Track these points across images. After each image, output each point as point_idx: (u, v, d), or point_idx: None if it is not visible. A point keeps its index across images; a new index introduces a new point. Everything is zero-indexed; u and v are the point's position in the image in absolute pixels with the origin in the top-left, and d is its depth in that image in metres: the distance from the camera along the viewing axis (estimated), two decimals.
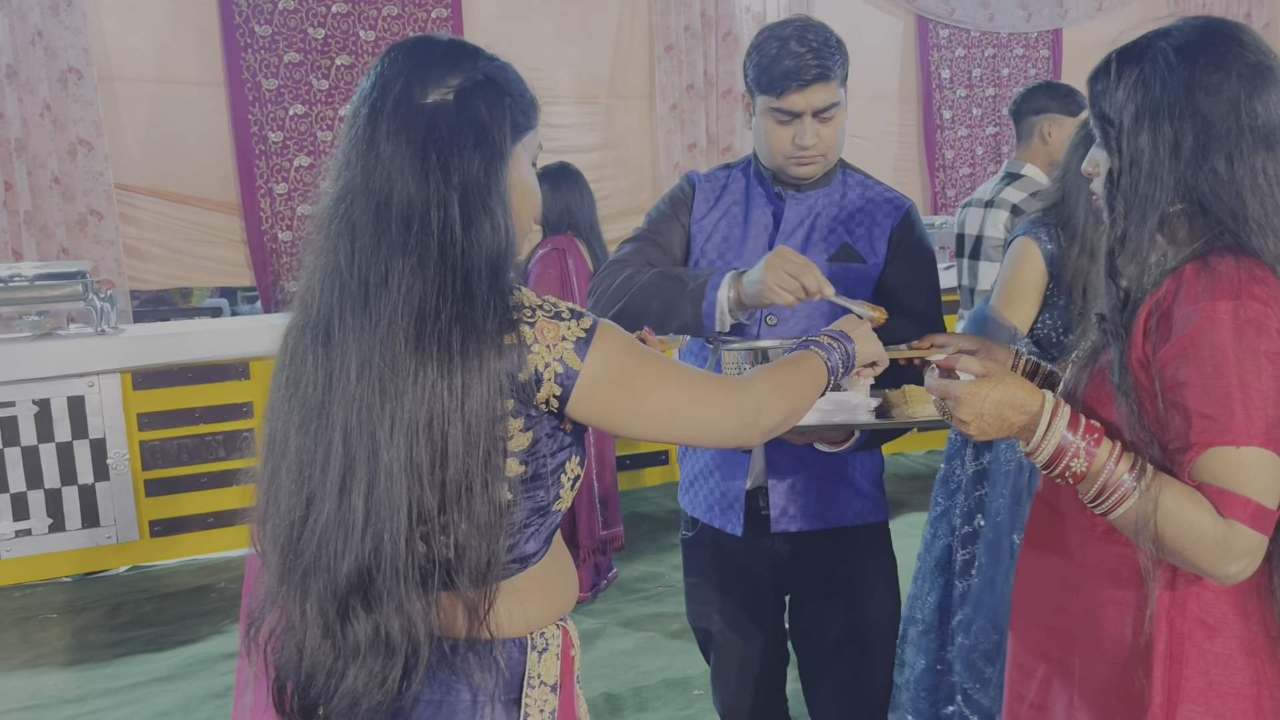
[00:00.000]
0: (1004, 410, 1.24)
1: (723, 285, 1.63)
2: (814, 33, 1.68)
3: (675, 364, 1.22)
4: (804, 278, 1.53)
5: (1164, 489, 1.17)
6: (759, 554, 1.86)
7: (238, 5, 5.51)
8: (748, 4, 6.61)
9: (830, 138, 1.73)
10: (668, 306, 1.67)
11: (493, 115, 1.14)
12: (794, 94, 1.67)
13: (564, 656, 1.23)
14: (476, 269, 1.09)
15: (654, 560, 4.21)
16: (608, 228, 6.48)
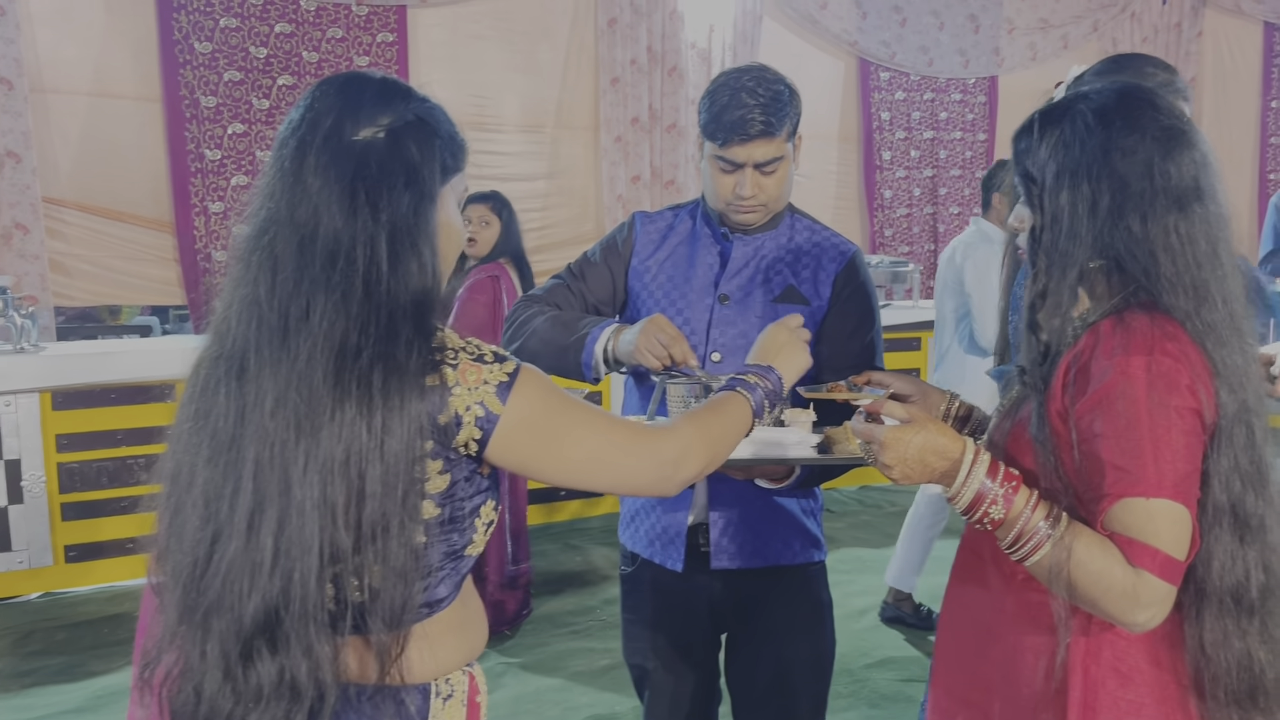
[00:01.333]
0: (926, 456, 1.26)
1: (601, 337, 1.71)
2: (765, 86, 1.69)
3: (597, 412, 1.21)
4: (672, 347, 1.63)
5: (1077, 537, 1.19)
6: (697, 591, 1.85)
7: (178, 21, 5.43)
8: (693, 40, 6.69)
9: (772, 189, 1.75)
10: (556, 353, 1.75)
11: (423, 155, 1.14)
12: (736, 146, 1.70)
13: (469, 703, 1.23)
14: (401, 308, 1.08)
15: (584, 594, 4.18)
16: (548, 256, 6.51)
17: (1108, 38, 8.20)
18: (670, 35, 6.61)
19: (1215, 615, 1.22)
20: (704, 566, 1.82)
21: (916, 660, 3.53)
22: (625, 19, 6.47)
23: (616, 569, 4.41)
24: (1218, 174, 1.27)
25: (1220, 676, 1.22)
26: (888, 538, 4.84)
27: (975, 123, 7.95)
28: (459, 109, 6.12)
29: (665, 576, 1.86)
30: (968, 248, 3.78)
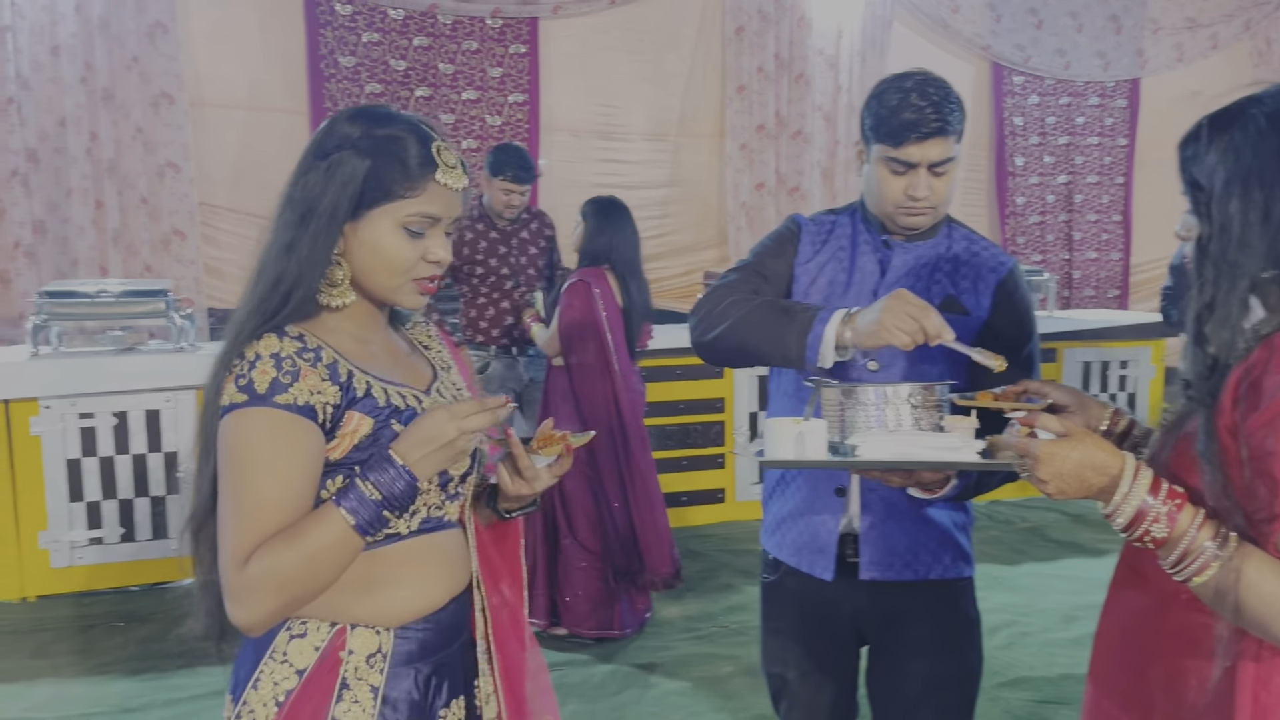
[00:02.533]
0: (1083, 471, 1.22)
1: (832, 321, 1.62)
2: (935, 87, 1.69)
3: (257, 490, 1.24)
4: (925, 320, 1.52)
5: (1247, 559, 1.15)
6: (842, 602, 1.84)
7: (324, 37, 5.68)
8: (821, 46, 6.65)
9: (942, 191, 1.74)
10: (771, 336, 1.67)
11: (341, 176, 1.29)
12: (911, 145, 1.68)
13: (327, 654, 1.31)
14: (251, 313, 1.31)
15: (707, 600, 4.18)
16: (669, 263, 6.56)
17: (1261, 37, 7.81)
18: (798, 42, 6.58)
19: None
20: (851, 577, 1.81)
21: (1051, 681, 3.43)
22: (753, 26, 6.47)
23: (739, 576, 4.41)
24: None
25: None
26: (1018, 554, 4.72)
27: (1115, 127, 7.67)
28: (586, 118, 6.25)
29: (810, 585, 1.85)
30: None
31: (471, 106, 6.04)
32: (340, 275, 1.32)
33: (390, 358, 1.40)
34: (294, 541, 1.22)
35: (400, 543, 1.33)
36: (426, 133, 1.32)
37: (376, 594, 1.32)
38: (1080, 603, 4.09)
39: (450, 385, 1.46)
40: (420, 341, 1.50)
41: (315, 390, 1.27)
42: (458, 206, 1.34)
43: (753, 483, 5.25)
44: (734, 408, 5.17)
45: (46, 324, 4.15)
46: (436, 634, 1.38)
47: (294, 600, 1.25)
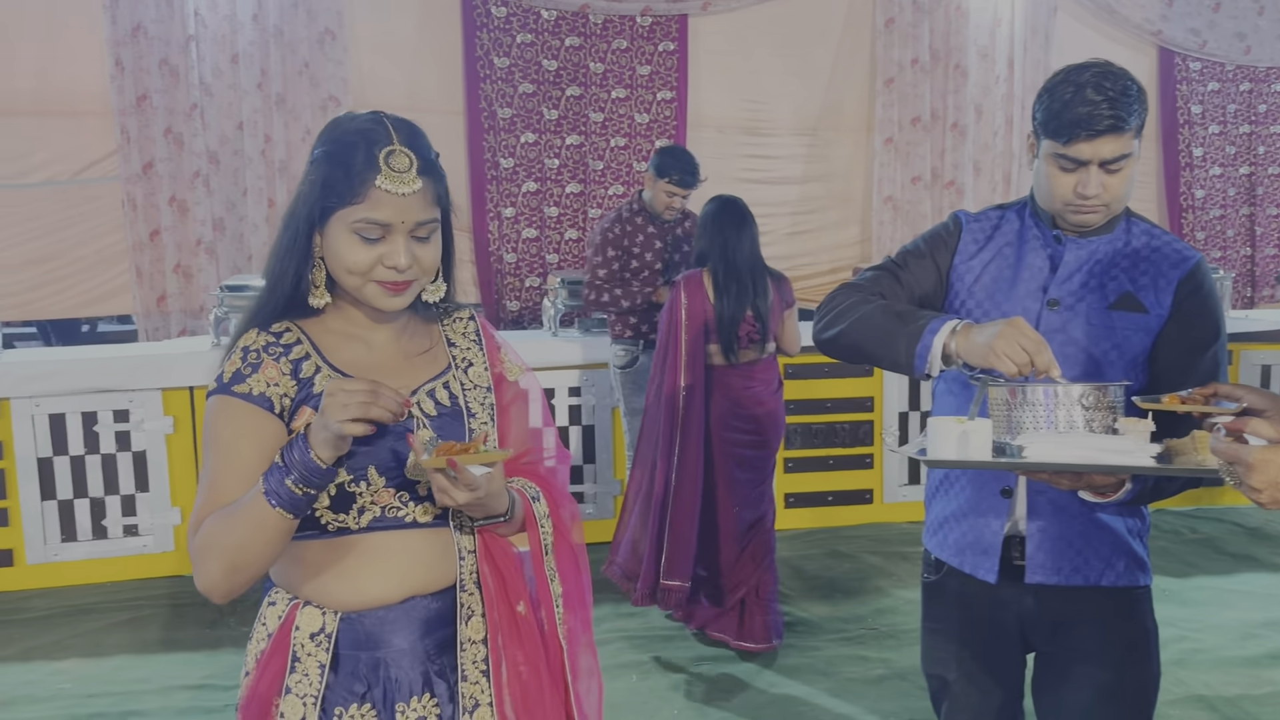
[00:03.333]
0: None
1: (942, 331, 1.61)
2: (1112, 80, 1.62)
3: (214, 469, 1.35)
4: (1037, 355, 1.50)
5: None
6: (1007, 605, 1.79)
7: (480, 39, 5.84)
8: (978, 37, 6.44)
9: (1116, 189, 1.67)
10: (884, 340, 1.67)
11: (309, 185, 1.38)
12: (1082, 143, 1.62)
13: (285, 625, 1.40)
14: (257, 304, 1.43)
15: (855, 602, 4.12)
16: (813, 260, 6.49)
17: None
18: (954, 32, 6.40)
19: None
20: (1017, 580, 1.76)
21: (1229, 701, 3.24)
22: (905, 18, 6.33)
23: (888, 579, 4.33)
24: None
25: None
26: (1188, 566, 4.47)
27: None
28: (732, 114, 6.23)
29: (974, 587, 1.80)
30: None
31: (620, 104, 6.11)
32: (321, 277, 1.39)
33: (387, 357, 1.44)
34: (228, 513, 1.31)
35: (350, 536, 1.38)
36: (378, 138, 1.33)
37: (324, 580, 1.39)
38: (1258, 619, 3.85)
39: (459, 383, 1.47)
40: (449, 338, 1.52)
41: (272, 382, 1.37)
42: (413, 211, 1.33)
43: (902, 484, 5.14)
44: (883, 406, 5.07)
45: (226, 316, 4.41)
46: (392, 626, 1.40)
47: (234, 567, 1.31)
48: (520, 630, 1.44)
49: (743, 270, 3.57)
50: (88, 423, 4.28)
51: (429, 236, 1.38)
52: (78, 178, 5.42)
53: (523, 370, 1.56)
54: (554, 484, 1.54)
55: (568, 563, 1.52)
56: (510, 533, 1.47)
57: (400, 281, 1.37)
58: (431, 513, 1.41)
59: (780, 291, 3.68)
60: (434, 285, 1.46)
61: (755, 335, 3.60)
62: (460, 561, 1.43)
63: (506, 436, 1.52)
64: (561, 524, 1.52)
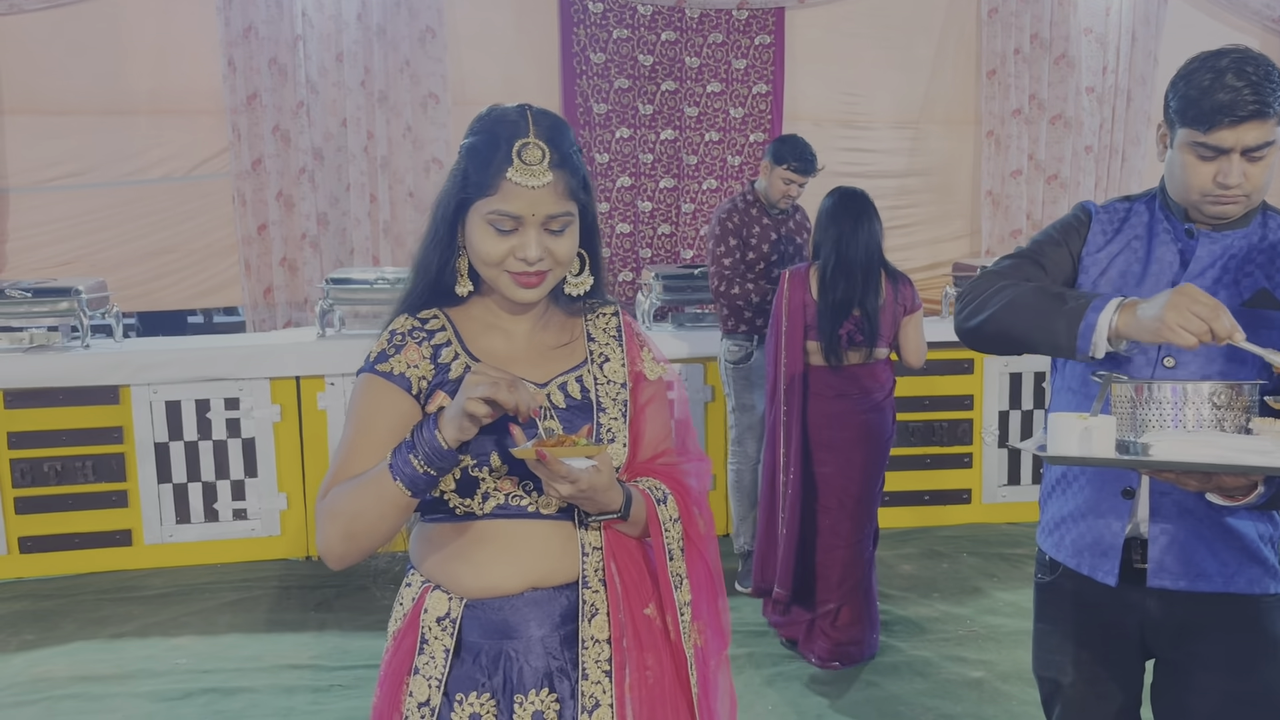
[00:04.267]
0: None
1: (1107, 309, 1.54)
2: (1254, 65, 1.56)
3: (349, 438, 1.41)
4: (1214, 321, 1.42)
5: None
6: (1127, 609, 1.74)
7: (577, 35, 5.88)
8: (1087, 24, 6.25)
9: (1258, 178, 1.61)
10: (1040, 322, 1.60)
11: (452, 176, 1.42)
12: (1224, 130, 1.57)
13: (414, 609, 1.45)
14: (411, 288, 1.49)
15: (953, 602, 4.05)
16: (915, 254, 6.37)
17: None
18: (1060, 20, 6.22)
19: None
20: (1138, 583, 1.71)
21: None
22: (1010, 6, 6.18)
23: (988, 579, 4.25)
24: None
25: None
26: None
27: None
28: (829, 107, 6.13)
29: (1091, 589, 1.76)
30: None
31: (715, 99, 6.09)
32: (465, 266, 1.44)
33: (525, 347, 1.47)
34: (355, 482, 1.36)
35: (476, 521, 1.41)
36: (516, 132, 1.36)
37: (450, 563, 1.43)
38: None
39: (593, 377, 1.48)
40: (590, 332, 1.52)
41: (412, 364, 1.42)
42: (544, 204, 1.35)
43: (1001, 484, 5.03)
44: (983, 405, 4.97)
45: (331, 308, 4.54)
46: (523, 616, 1.42)
47: (350, 534, 1.36)
48: (649, 633, 1.44)
49: (854, 266, 3.39)
50: (201, 410, 4.45)
51: (563, 230, 1.39)
52: (192, 174, 5.63)
53: (664, 370, 1.55)
54: (688, 488, 1.51)
55: (699, 572, 1.49)
56: (636, 533, 1.46)
57: (531, 273, 1.39)
58: (555, 505, 1.42)
59: (898, 294, 3.47)
60: (578, 279, 1.48)
61: (859, 337, 3.43)
62: (584, 558, 1.43)
63: (641, 436, 1.51)
64: (693, 530, 1.49)
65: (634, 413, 1.50)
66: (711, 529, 1.53)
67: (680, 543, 1.47)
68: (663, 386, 1.54)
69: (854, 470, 3.46)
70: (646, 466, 1.50)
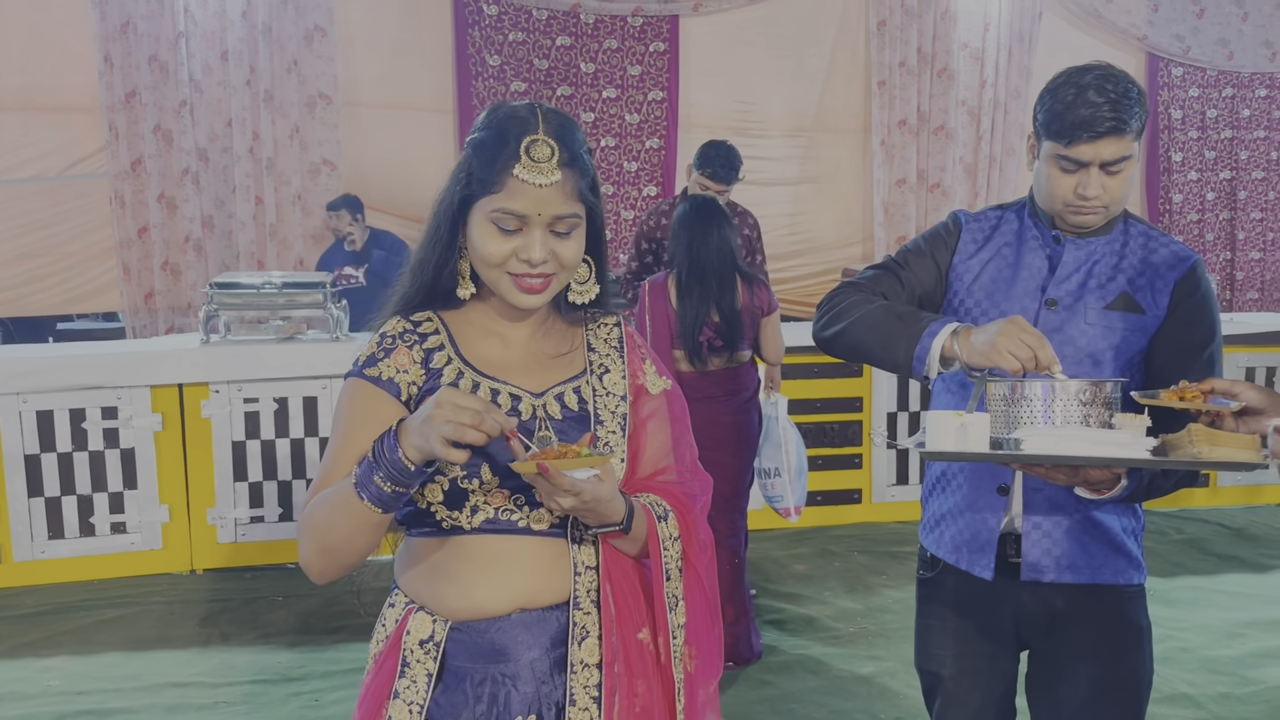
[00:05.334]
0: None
1: (941, 333, 1.63)
2: (1114, 83, 1.64)
3: (335, 445, 1.34)
4: (1040, 350, 1.53)
5: None
6: (1003, 602, 1.81)
7: (472, 37, 5.84)
8: (965, 40, 6.49)
9: (1116, 190, 1.69)
10: (883, 341, 1.70)
11: (455, 173, 1.35)
12: (1084, 144, 1.64)
13: (398, 629, 1.38)
14: (407, 284, 1.42)
15: (846, 600, 4.14)
16: (809, 260, 6.51)
17: None
18: (942, 35, 6.45)
19: None
20: (1014, 577, 1.77)
21: (1214, 699, 3.27)
22: (896, 20, 6.37)
23: (877, 577, 4.35)
24: None
25: None
26: (1174, 566, 4.51)
27: None
28: (724, 114, 6.20)
29: (970, 584, 1.82)
30: None
31: (611, 104, 6.12)
32: (466, 268, 1.36)
33: (523, 355, 1.40)
34: (328, 494, 1.29)
35: (463, 536, 1.34)
36: (525, 128, 1.30)
37: (436, 582, 1.36)
38: (1244, 619, 3.88)
39: (591, 389, 1.41)
40: (590, 342, 1.45)
41: (401, 369, 1.35)
42: (551, 204, 1.29)
43: (890, 484, 5.16)
44: (872, 406, 5.10)
45: (216, 313, 4.40)
46: (514, 638, 1.35)
47: (325, 550, 1.30)
48: (641, 659, 1.37)
49: (708, 271, 3.42)
50: (75, 420, 4.25)
51: (569, 232, 1.32)
52: (65, 174, 5.40)
53: (667, 384, 1.49)
54: (690, 507, 1.43)
55: (696, 595, 1.41)
56: (633, 551, 1.38)
57: (535, 275, 1.31)
58: (548, 520, 1.35)
59: (754, 295, 3.51)
60: (583, 286, 1.40)
61: (719, 341, 3.44)
62: (576, 577, 1.36)
63: (641, 452, 1.44)
64: (692, 551, 1.41)
65: (634, 427, 1.43)
66: (711, 551, 1.46)
67: (679, 563, 1.40)
68: (665, 401, 1.47)
69: (725, 470, 3.48)
70: (646, 483, 1.43)
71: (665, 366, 1.50)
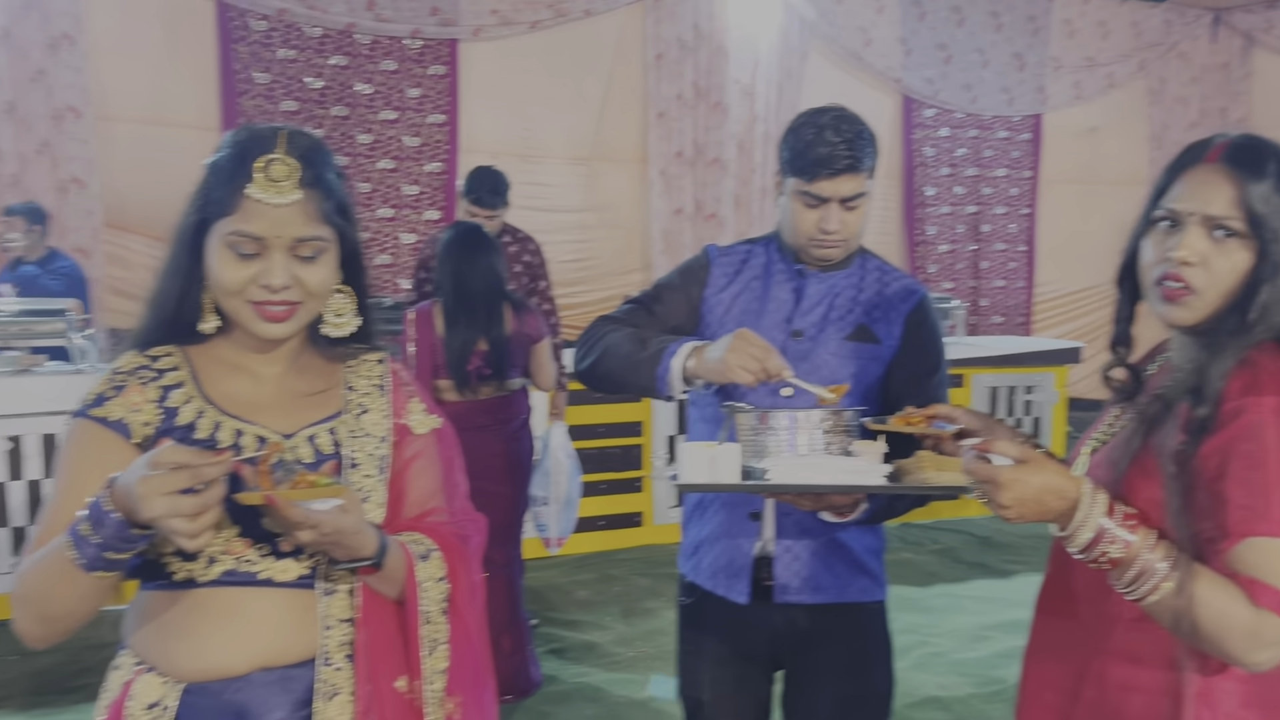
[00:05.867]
0: (1044, 496, 1.23)
1: (679, 353, 1.70)
2: (849, 124, 1.74)
3: (55, 498, 1.24)
4: (767, 360, 1.60)
5: (1198, 577, 1.18)
6: (758, 625, 1.86)
7: (237, 52, 5.58)
8: (738, 76, 6.76)
9: (853, 225, 1.79)
10: (630, 365, 1.75)
11: (193, 196, 1.29)
12: (824, 181, 1.73)
13: (121, 694, 1.27)
14: (149, 307, 1.32)
15: (626, 625, 4.18)
16: (590, 288, 6.59)
17: (1155, 76, 8.19)
18: (715, 71, 6.69)
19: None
20: (767, 600, 1.83)
21: (960, 701, 3.50)
22: (672, 54, 6.56)
23: (658, 600, 4.42)
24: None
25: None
26: (929, 575, 4.82)
27: (1020, 160, 7.95)
28: (505, 140, 6.19)
29: (727, 609, 1.87)
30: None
31: (389, 127, 6.00)
32: (210, 300, 1.28)
33: (273, 393, 1.32)
34: (43, 556, 1.18)
35: (199, 590, 1.24)
36: (263, 147, 1.24)
37: (167, 640, 1.26)
38: (989, 622, 4.19)
39: (347, 430, 1.33)
40: (349, 380, 1.37)
41: (134, 408, 1.25)
42: (291, 225, 1.22)
43: (670, 506, 5.27)
44: (652, 431, 5.19)
45: None
46: (242, 699, 1.24)
47: (45, 618, 1.19)
48: (399, 708, 1.29)
49: (475, 299, 3.37)
50: None
51: (315, 256, 1.25)
52: None
53: (436, 422, 1.42)
54: (458, 548, 1.36)
55: (461, 642, 1.34)
56: (394, 592, 1.30)
57: (276, 302, 1.23)
58: (295, 572, 1.26)
59: (524, 323, 3.47)
60: (340, 319, 1.32)
61: (487, 370, 3.39)
62: (326, 631, 1.27)
63: (404, 494, 1.37)
64: (460, 595, 1.34)
65: (396, 469, 1.36)
66: (483, 595, 1.40)
67: (442, 605, 1.32)
68: (433, 440, 1.41)
69: (498, 500, 3.43)
70: (414, 525, 1.36)
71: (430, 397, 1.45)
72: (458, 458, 1.46)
